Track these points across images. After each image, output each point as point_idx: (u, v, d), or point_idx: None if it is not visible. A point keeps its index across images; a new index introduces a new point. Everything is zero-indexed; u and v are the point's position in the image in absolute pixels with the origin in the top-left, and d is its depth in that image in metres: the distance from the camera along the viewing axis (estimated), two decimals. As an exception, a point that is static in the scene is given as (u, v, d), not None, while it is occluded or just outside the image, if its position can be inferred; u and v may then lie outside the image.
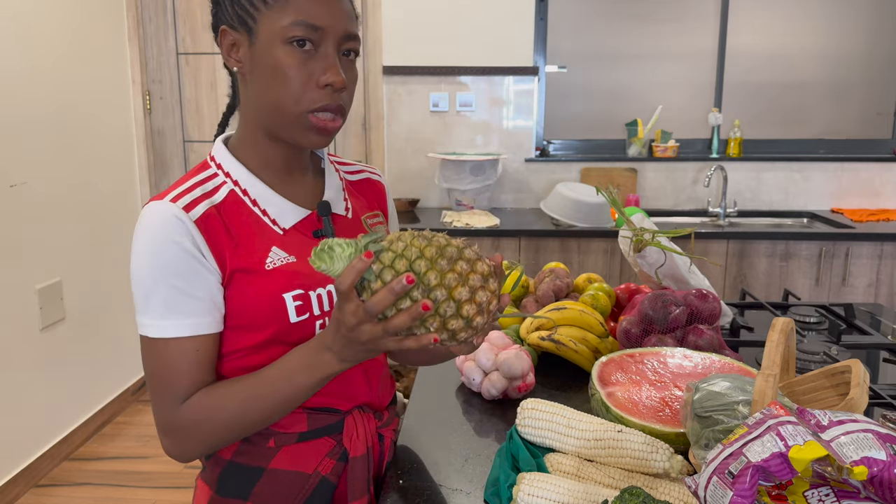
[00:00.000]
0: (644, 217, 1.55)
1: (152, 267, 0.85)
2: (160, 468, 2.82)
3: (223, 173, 0.94)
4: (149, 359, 0.88)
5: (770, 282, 2.99)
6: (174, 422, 0.88)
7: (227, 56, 0.91)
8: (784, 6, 3.47)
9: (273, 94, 0.88)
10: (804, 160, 3.44)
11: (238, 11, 0.89)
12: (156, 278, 0.85)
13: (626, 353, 1.16)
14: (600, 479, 0.92)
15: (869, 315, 1.76)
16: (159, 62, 3.42)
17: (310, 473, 0.96)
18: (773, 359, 0.80)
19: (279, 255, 0.92)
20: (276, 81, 0.87)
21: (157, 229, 0.86)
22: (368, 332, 0.76)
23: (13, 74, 2.57)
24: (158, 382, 0.88)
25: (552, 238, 2.97)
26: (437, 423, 1.17)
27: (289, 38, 0.86)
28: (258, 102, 0.91)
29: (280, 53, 0.86)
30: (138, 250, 0.86)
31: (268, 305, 0.90)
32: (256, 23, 0.87)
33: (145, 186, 3.46)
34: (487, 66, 3.40)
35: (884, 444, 0.61)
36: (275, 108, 0.89)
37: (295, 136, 0.90)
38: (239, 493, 0.96)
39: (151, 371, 0.89)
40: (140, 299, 0.87)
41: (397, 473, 1.02)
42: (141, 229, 0.87)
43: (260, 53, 0.88)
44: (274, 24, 0.86)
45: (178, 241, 0.85)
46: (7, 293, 2.55)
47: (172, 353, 0.87)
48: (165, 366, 0.87)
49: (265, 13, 0.87)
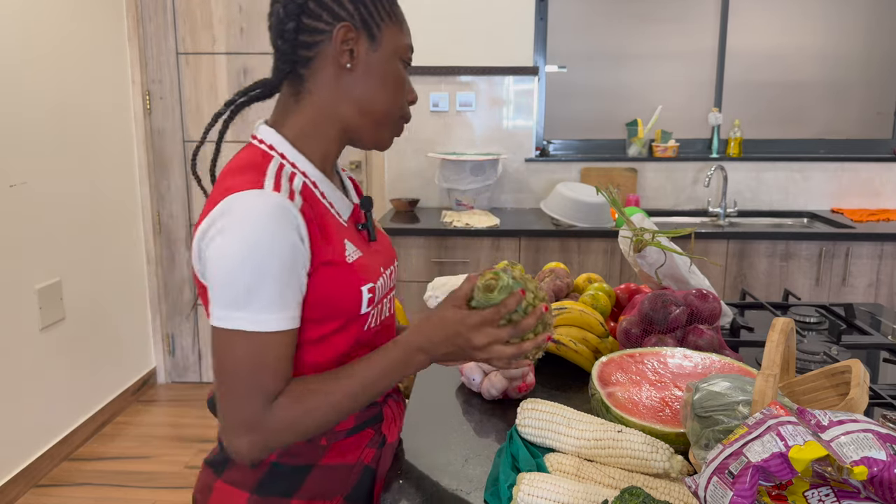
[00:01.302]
0: (644, 217, 1.55)
1: (262, 259, 0.82)
2: (160, 468, 2.82)
3: (289, 164, 0.92)
4: (235, 354, 0.84)
5: (770, 282, 2.99)
6: (262, 420, 0.85)
7: (339, 51, 0.92)
8: (784, 6, 3.47)
9: (385, 99, 0.96)
10: (804, 160, 3.44)
11: (363, 14, 0.93)
12: (264, 271, 0.82)
13: (626, 353, 1.16)
14: (600, 479, 0.92)
15: (869, 315, 1.76)
16: (159, 62, 3.42)
17: (353, 464, 0.99)
18: (773, 359, 0.80)
19: (351, 248, 0.94)
20: (390, 90, 0.96)
21: (269, 221, 0.83)
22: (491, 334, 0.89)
23: (13, 74, 2.57)
24: (245, 379, 0.84)
25: (552, 238, 2.97)
26: (437, 423, 1.17)
27: (403, 57, 0.97)
28: (356, 102, 0.95)
29: (398, 67, 0.97)
30: (245, 240, 0.82)
31: (347, 298, 0.92)
32: (381, 32, 0.95)
33: (145, 186, 3.46)
34: (487, 66, 3.40)
35: (884, 444, 0.61)
36: (382, 111, 0.96)
37: (381, 137, 0.99)
38: (284, 491, 0.96)
39: (236, 367, 0.84)
40: (236, 292, 0.83)
41: (397, 473, 1.02)
42: (248, 220, 0.82)
43: (380, 61, 0.95)
44: (396, 40, 0.96)
45: (290, 233, 0.84)
46: (7, 293, 2.55)
47: (268, 348, 0.84)
48: (257, 361, 0.84)
49: (389, 26, 0.95)
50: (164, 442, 3.04)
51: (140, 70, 3.38)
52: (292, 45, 0.92)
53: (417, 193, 3.54)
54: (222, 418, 0.86)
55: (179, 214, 3.55)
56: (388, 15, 0.95)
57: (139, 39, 3.37)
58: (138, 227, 3.47)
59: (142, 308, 3.53)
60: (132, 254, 3.42)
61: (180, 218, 3.55)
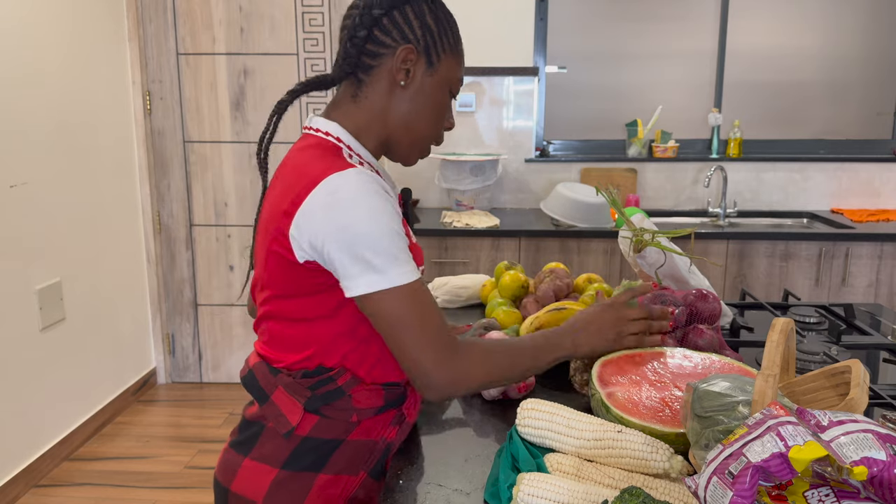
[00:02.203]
0: (644, 217, 1.55)
1: (388, 223, 0.92)
2: (160, 468, 2.82)
3: (354, 154, 1.02)
4: (409, 306, 0.93)
5: (770, 282, 2.99)
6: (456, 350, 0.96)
7: (397, 68, 1.01)
8: (784, 6, 3.47)
9: (427, 121, 1.05)
10: (804, 160, 3.44)
11: (428, 42, 1.01)
12: (390, 231, 0.92)
13: (626, 353, 1.16)
14: (600, 479, 0.92)
15: (869, 315, 1.76)
16: (159, 62, 3.42)
17: (377, 440, 1.05)
18: (773, 359, 0.80)
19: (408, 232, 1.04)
20: (434, 114, 1.05)
21: (369, 189, 0.92)
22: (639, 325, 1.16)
23: (13, 75, 2.57)
24: (425, 322, 0.94)
25: (552, 238, 2.97)
26: (437, 423, 1.17)
27: (453, 88, 1.06)
28: (402, 118, 1.04)
29: (445, 96, 1.06)
30: (369, 210, 0.91)
31: None
32: (440, 60, 1.03)
33: (145, 186, 3.46)
34: (487, 66, 3.40)
35: (884, 445, 0.61)
36: (422, 131, 1.06)
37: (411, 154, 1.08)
38: (313, 465, 1.02)
39: (412, 317, 0.94)
40: (382, 254, 0.91)
41: (397, 473, 1.02)
42: (362, 193, 0.92)
43: (433, 86, 1.04)
44: (450, 71, 1.05)
45: (387, 195, 0.95)
46: (7, 293, 2.55)
47: (424, 293, 0.96)
48: (427, 304, 0.95)
49: (449, 57, 1.04)
50: (163, 442, 3.04)
51: (140, 70, 3.38)
52: (359, 51, 1.01)
53: (417, 193, 3.55)
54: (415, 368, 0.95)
55: (179, 214, 3.55)
56: (450, 48, 1.04)
57: (139, 40, 3.37)
58: (138, 227, 3.47)
59: (142, 308, 3.53)
60: (132, 254, 3.42)
61: (180, 218, 3.55)
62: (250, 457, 1.03)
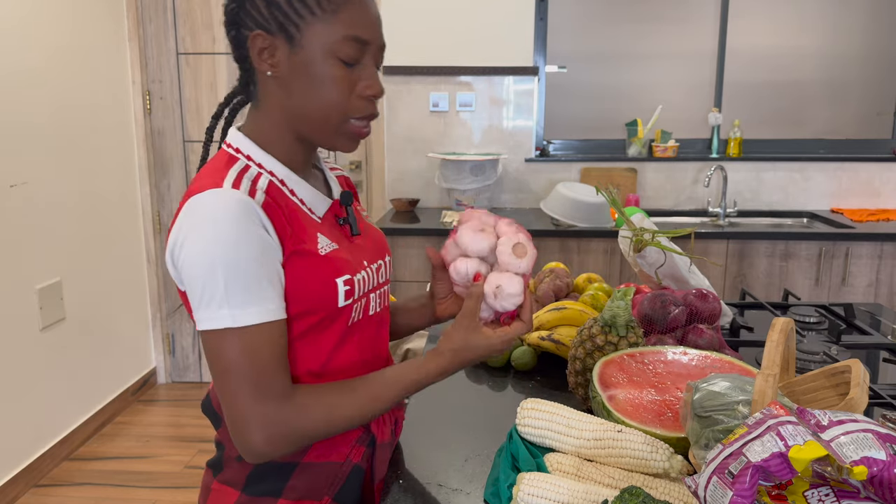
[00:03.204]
0: (644, 217, 1.55)
1: (231, 254, 0.83)
2: (160, 468, 2.82)
3: (255, 164, 0.93)
4: (230, 353, 0.84)
5: (770, 282, 2.99)
6: (275, 420, 0.85)
7: (258, 60, 0.90)
8: (783, 6, 3.47)
9: (317, 103, 0.90)
10: (804, 160, 3.44)
11: (277, 16, 0.88)
12: (236, 266, 0.83)
13: (627, 353, 1.16)
14: (600, 479, 0.92)
15: (869, 315, 1.76)
16: (159, 62, 3.42)
17: (342, 462, 0.98)
18: (773, 359, 0.80)
19: (324, 241, 0.94)
20: (322, 92, 0.89)
21: (230, 214, 0.83)
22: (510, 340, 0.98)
23: (13, 74, 2.57)
24: (247, 378, 0.84)
25: (552, 238, 2.97)
26: (437, 423, 1.17)
27: (339, 54, 0.88)
28: (297, 109, 0.92)
29: (328, 67, 0.88)
30: (210, 239, 0.83)
31: (321, 289, 0.91)
32: (300, 31, 0.88)
33: (145, 186, 3.46)
34: (487, 66, 3.40)
35: (883, 444, 0.61)
36: (318, 116, 0.91)
37: (332, 141, 0.94)
38: (272, 491, 0.96)
39: (234, 366, 0.84)
40: (214, 290, 0.83)
41: (397, 473, 1.02)
42: (210, 218, 0.83)
43: (304, 63, 0.89)
44: (322, 37, 0.88)
45: (254, 225, 0.85)
46: (7, 293, 2.55)
47: (261, 342, 0.84)
48: (255, 358, 0.84)
49: (311, 22, 0.87)
50: (164, 442, 3.04)
51: (140, 70, 3.38)
52: (237, 55, 0.94)
53: (417, 193, 3.55)
54: (231, 420, 0.86)
55: (179, 214, 3.55)
56: (310, 13, 0.87)
57: (139, 39, 3.37)
58: (138, 227, 3.47)
59: (142, 308, 3.53)
60: (132, 254, 3.42)
61: (180, 218, 3.55)
62: (217, 479, 1.00)
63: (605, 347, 1.18)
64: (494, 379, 1.38)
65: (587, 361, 1.19)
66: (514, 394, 1.30)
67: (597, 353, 1.18)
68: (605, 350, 1.18)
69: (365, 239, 1.03)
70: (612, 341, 1.19)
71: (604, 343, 1.19)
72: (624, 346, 1.18)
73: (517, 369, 1.41)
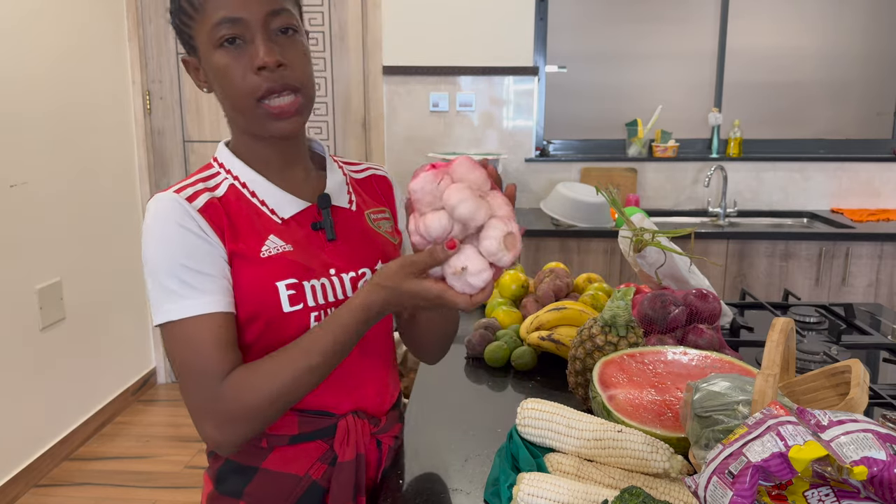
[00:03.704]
0: (644, 217, 1.55)
1: (163, 252, 0.88)
2: (160, 468, 2.82)
3: (224, 171, 0.99)
4: (175, 345, 0.88)
5: (770, 282, 2.99)
6: (216, 403, 0.86)
7: (195, 82, 0.97)
8: (783, 6, 3.47)
9: (227, 97, 0.93)
10: (804, 160, 3.44)
11: (184, 38, 0.94)
12: (169, 262, 0.88)
13: (627, 353, 1.16)
14: (600, 479, 0.92)
15: (869, 315, 1.76)
16: (159, 62, 3.42)
17: (301, 476, 0.98)
18: (773, 359, 0.80)
19: (276, 243, 0.94)
20: (224, 84, 0.91)
21: (161, 217, 0.89)
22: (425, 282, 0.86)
23: (13, 74, 2.57)
24: (189, 367, 0.87)
25: (552, 238, 2.97)
26: (438, 423, 1.17)
27: (218, 41, 0.89)
28: (225, 111, 0.97)
29: (216, 58, 0.90)
30: (148, 241, 0.90)
31: (260, 293, 0.92)
32: (194, 40, 0.92)
33: (145, 186, 3.46)
34: (487, 66, 3.40)
35: (884, 444, 0.61)
36: (233, 109, 0.93)
37: (260, 128, 0.94)
38: (234, 491, 0.99)
39: (180, 357, 0.88)
40: (157, 288, 0.89)
41: (397, 473, 1.02)
42: (148, 220, 0.90)
43: (206, 67, 0.93)
44: (203, 34, 0.90)
45: (183, 223, 0.89)
46: (7, 293, 2.55)
47: (199, 332, 0.87)
48: (193, 347, 0.87)
49: (195, 28, 0.91)
50: (163, 442, 3.04)
51: (140, 70, 3.38)
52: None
53: (417, 193, 3.54)
54: (189, 414, 0.89)
55: (179, 214, 3.55)
56: (188, 18, 0.91)
57: (139, 40, 3.37)
58: (138, 227, 3.47)
59: (142, 308, 3.52)
60: (132, 254, 3.42)
61: (180, 218, 3.55)
62: (206, 471, 1.05)
63: (605, 347, 1.18)
64: (494, 379, 1.38)
65: (587, 361, 1.19)
66: (514, 394, 1.30)
67: (597, 353, 1.18)
68: (605, 350, 1.18)
69: (344, 245, 0.99)
70: (612, 341, 1.18)
71: (604, 343, 1.18)
72: (624, 346, 1.18)
73: (517, 369, 1.40)
